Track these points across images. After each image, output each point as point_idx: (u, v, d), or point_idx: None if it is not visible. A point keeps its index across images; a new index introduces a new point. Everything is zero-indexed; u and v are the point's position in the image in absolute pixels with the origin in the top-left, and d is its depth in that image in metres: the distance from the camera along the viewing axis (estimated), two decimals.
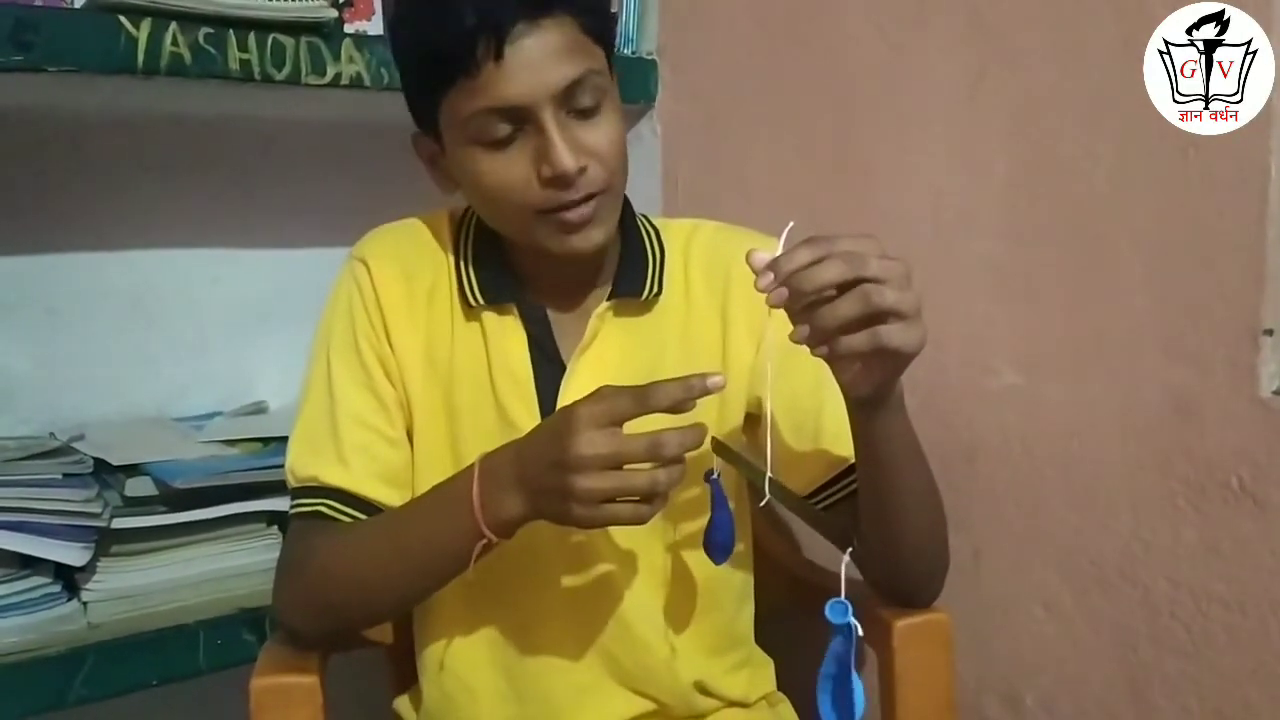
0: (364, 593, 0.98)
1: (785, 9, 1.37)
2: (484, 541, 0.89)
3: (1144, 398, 1.05)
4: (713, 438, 0.93)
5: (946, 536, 1.02)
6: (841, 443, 1.01)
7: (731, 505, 1.00)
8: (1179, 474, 1.03)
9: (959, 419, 1.17)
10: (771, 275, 0.79)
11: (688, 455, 0.86)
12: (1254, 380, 0.97)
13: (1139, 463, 1.06)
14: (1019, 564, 1.16)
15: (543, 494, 0.87)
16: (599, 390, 0.86)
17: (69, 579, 1.17)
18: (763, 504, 0.87)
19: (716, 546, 0.99)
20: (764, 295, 0.81)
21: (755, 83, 1.42)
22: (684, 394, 0.84)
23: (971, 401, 1.17)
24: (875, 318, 0.80)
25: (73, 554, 1.14)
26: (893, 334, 0.81)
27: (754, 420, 1.08)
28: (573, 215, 0.94)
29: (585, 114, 0.93)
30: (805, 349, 0.83)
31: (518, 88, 0.90)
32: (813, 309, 0.80)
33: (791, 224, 0.82)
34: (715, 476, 0.97)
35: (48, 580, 1.15)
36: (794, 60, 1.36)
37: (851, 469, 1.01)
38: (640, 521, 0.86)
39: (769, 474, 0.86)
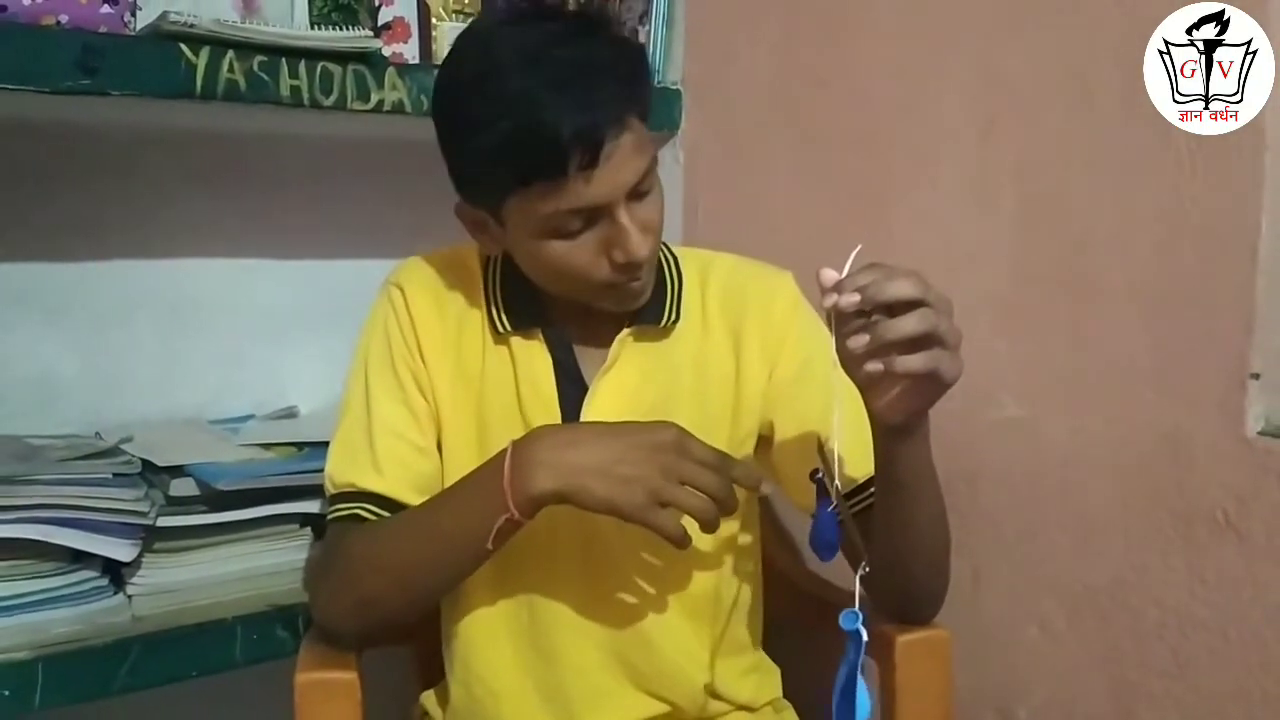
0: (397, 581, 1.04)
1: (807, 47, 1.43)
2: (506, 516, 0.96)
3: (1138, 433, 1.10)
4: (816, 437, 1.01)
5: (950, 557, 1.07)
6: (850, 464, 1.05)
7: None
8: (1169, 506, 1.08)
9: (962, 446, 1.22)
10: (836, 296, 0.82)
11: None
12: (1241, 420, 1.02)
13: (1131, 494, 1.11)
14: (1016, 586, 1.21)
15: (599, 475, 0.94)
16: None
17: (116, 574, 1.22)
18: (831, 509, 0.95)
19: (823, 544, 1.01)
20: (790, 322, 0.87)
21: (776, 116, 1.47)
22: (752, 480, 1.02)
23: (975, 430, 1.22)
24: (928, 341, 0.83)
25: (121, 550, 1.18)
26: (943, 360, 0.84)
27: (765, 442, 1.13)
28: (635, 286, 1.02)
29: (644, 194, 1.00)
30: (814, 377, 0.89)
31: (602, 192, 0.95)
32: (870, 326, 0.83)
33: (860, 247, 0.84)
34: (820, 475, 0.98)
35: (96, 574, 1.20)
36: (814, 97, 1.42)
37: (858, 489, 1.07)
38: (675, 536, 0.95)
39: (837, 482, 0.92)
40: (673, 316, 1.11)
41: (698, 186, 1.58)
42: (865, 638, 0.83)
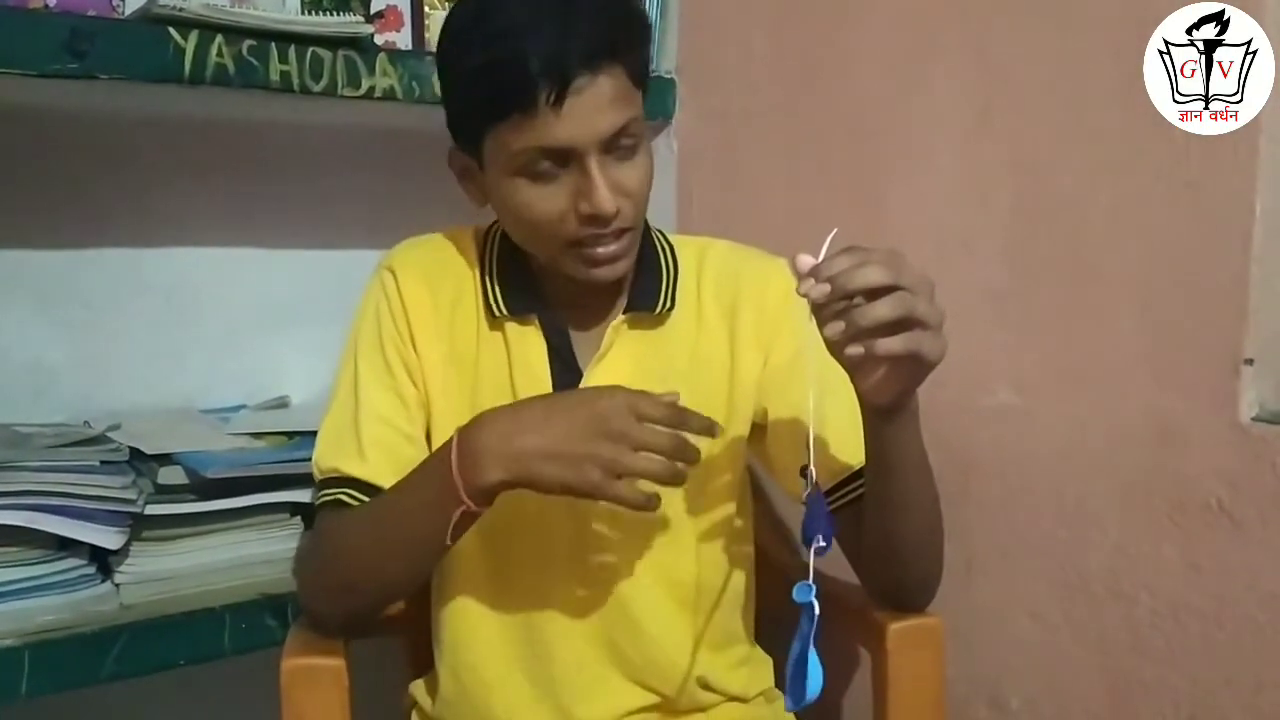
0: (367, 568, 1.04)
1: (801, 36, 1.42)
2: (462, 509, 0.95)
3: (1131, 420, 1.10)
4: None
5: (943, 544, 1.07)
6: (844, 451, 1.06)
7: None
8: (1162, 493, 1.08)
9: (957, 435, 1.21)
10: (813, 280, 0.82)
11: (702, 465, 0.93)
12: (1235, 407, 1.02)
13: (1125, 482, 1.10)
14: (1009, 574, 1.21)
15: (550, 458, 0.92)
16: (640, 390, 0.95)
17: (103, 562, 1.22)
18: (808, 494, 0.92)
19: (812, 537, 0.96)
20: (784, 309, 0.86)
21: (771, 105, 1.47)
22: (707, 428, 0.94)
23: (969, 419, 1.22)
24: (906, 324, 0.83)
25: (108, 537, 1.18)
26: (923, 340, 0.85)
27: (759, 430, 1.13)
28: (602, 252, 1.01)
29: (623, 155, 0.99)
30: (807, 363, 0.88)
31: (570, 132, 0.95)
32: (847, 311, 0.83)
33: (835, 230, 0.85)
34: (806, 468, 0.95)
35: (83, 562, 1.19)
36: (809, 85, 1.41)
37: (852, 477, 1.07)
38: (638, 504, 0.93)
39: (812, 466, 0.91)
40: (668, 304, 1.11)
41: (692, 175, 1.57)
42: (818, 611, 0.84)
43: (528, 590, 1.09)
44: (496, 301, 1.09)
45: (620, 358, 1.09)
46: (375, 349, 1.10)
